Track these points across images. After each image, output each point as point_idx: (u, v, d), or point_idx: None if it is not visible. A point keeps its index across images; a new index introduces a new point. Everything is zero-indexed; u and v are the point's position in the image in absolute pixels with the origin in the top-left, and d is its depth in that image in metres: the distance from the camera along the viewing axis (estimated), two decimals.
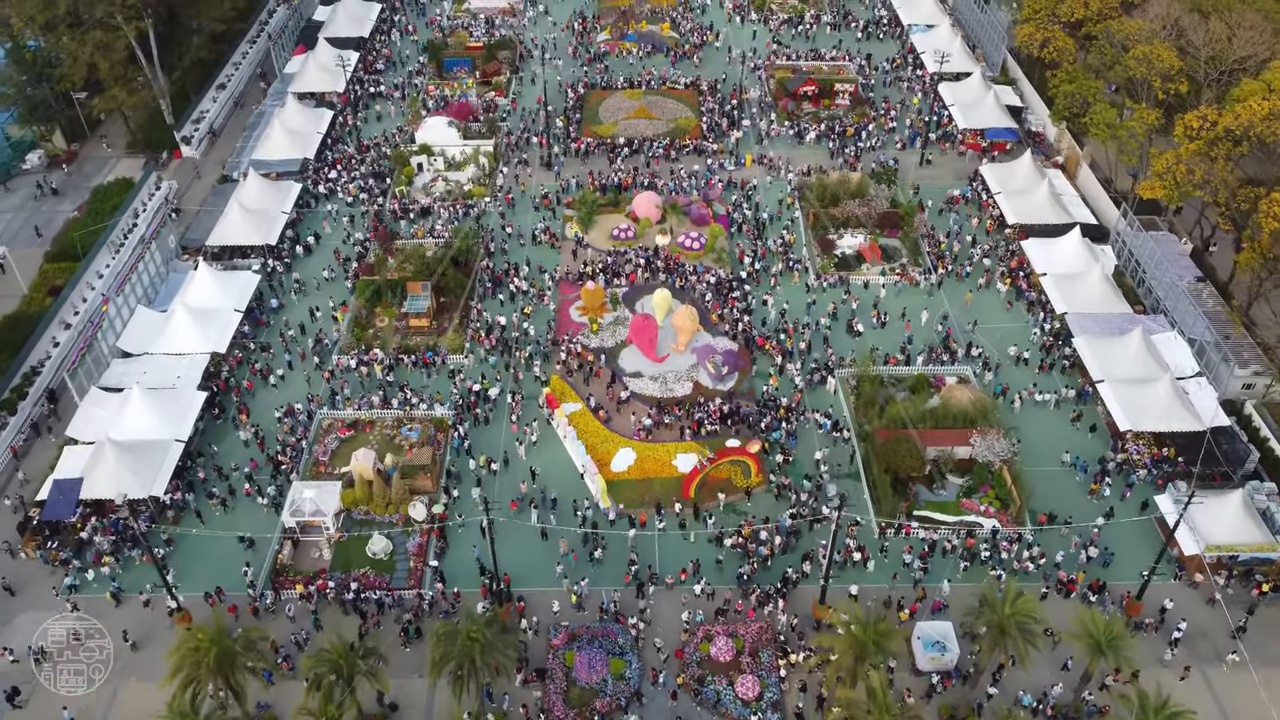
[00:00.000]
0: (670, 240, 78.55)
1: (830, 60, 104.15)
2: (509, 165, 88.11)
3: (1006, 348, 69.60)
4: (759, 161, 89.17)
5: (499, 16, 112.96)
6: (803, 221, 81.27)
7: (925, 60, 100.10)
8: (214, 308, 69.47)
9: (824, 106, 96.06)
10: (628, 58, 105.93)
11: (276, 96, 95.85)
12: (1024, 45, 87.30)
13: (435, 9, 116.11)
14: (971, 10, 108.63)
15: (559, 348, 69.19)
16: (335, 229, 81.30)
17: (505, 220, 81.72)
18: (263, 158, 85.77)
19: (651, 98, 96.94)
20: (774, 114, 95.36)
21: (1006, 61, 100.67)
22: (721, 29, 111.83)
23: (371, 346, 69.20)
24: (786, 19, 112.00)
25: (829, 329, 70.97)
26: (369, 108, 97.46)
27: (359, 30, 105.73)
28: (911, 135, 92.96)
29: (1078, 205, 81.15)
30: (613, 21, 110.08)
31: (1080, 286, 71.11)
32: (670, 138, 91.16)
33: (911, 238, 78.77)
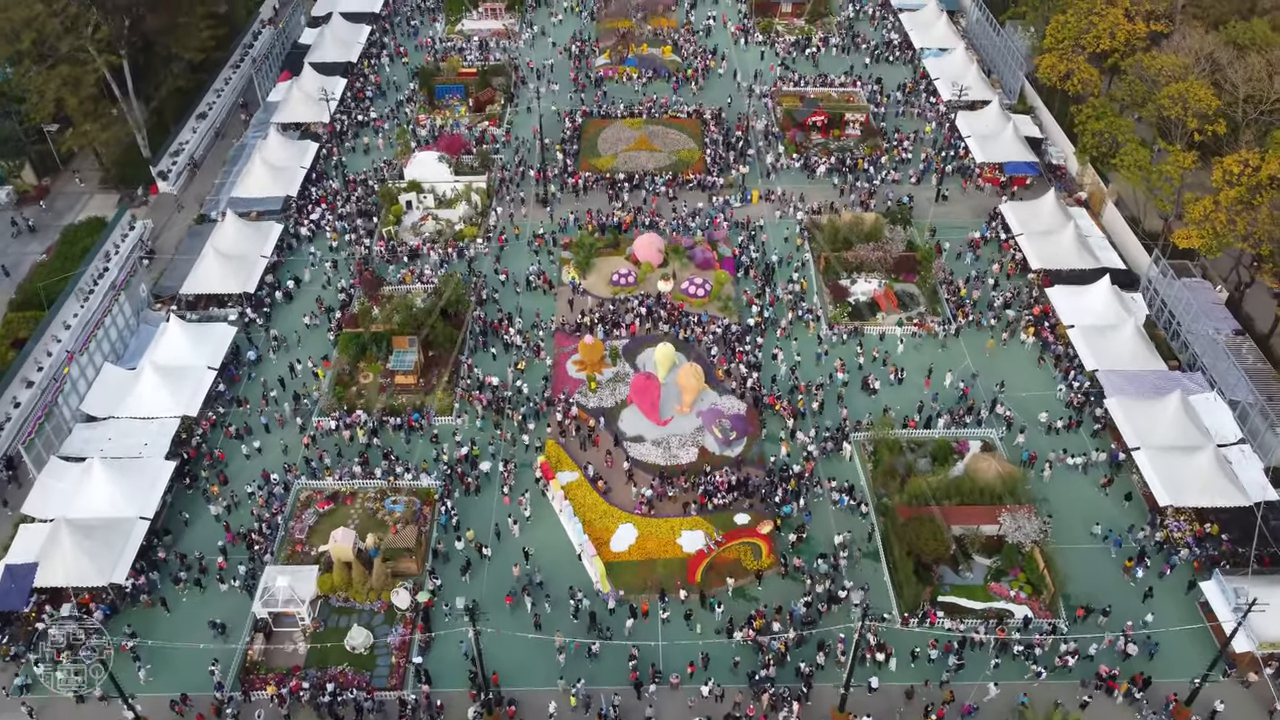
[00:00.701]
0: (673, 286, 74.01)
1: (839, 87, 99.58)
2: (503, 203, 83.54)
3: (1033, 408, 65.05)
4: (766, 198, 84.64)
5: (494, 39, 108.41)
6: (813, 265, 76.74)
7: (939, 87, 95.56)
8: (186, 365, 64.90)
9: (834, 137, 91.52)
10: (628, 84, 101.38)
11: (259, 128, 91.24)
12: (1046, 77, 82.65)
13: (428, 31, 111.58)
14: (987, 34, 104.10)
15: (555, 408, 64.70)
16: (318, 273, 76.71)
17: (499, 265, 77.13)
18: (242, 195, 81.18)
19: (652, 127, 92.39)
20: (781, 145, 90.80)
21: (1024, 88, 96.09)
22: (725, 50, 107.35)
23: (354, 407, 64.67)
24: (793, 41, 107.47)
25: (844, 386, 66.39)
26: (357, 136, 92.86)
27: (346, 54, 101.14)
28: (925, 166, 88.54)
29: (1105, 248, 76.64)
30: (612, 45, 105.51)
31: (1111, 341, 66.55)
32: (672, 171, 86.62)
33: (929, 283, 74.25)
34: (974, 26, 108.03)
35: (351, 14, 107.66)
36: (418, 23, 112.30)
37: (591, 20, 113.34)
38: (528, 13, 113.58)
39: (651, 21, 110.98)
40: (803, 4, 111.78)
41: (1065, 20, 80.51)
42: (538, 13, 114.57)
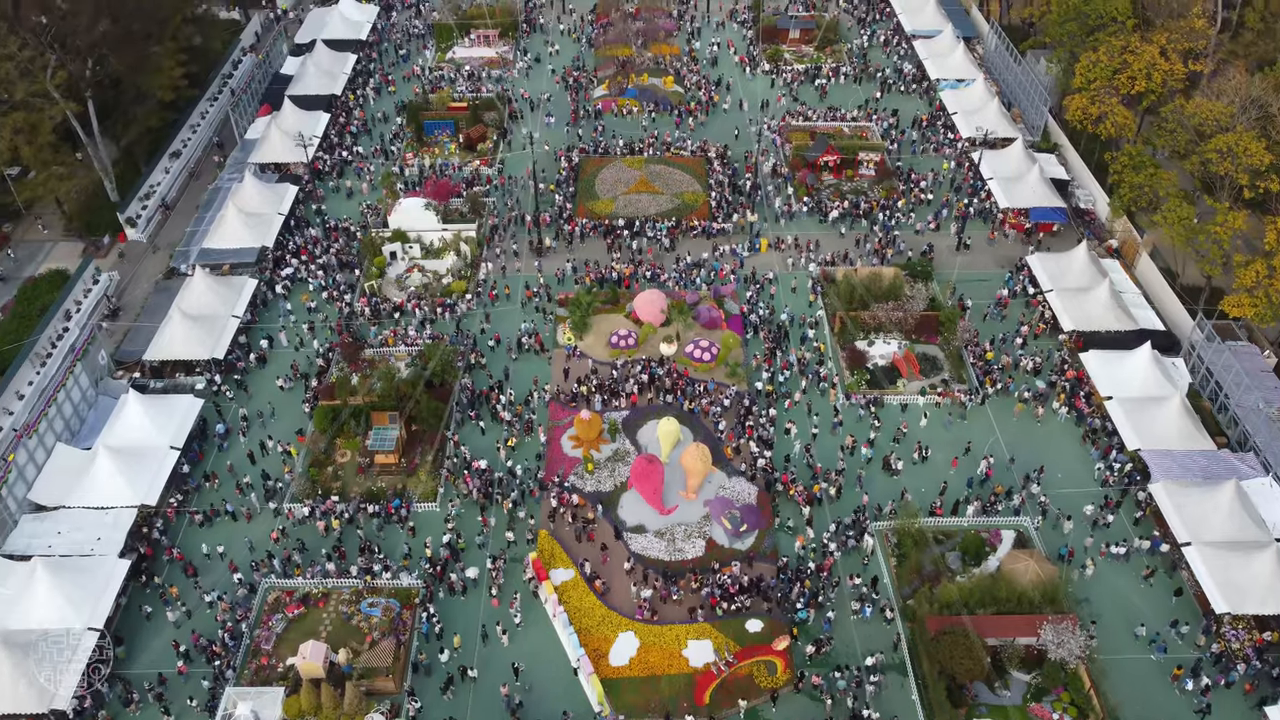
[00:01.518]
0: (676, 349, 68.58)
1: (851, 121, 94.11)
2: (493, 253, 78.03)
3: (1069, 490, 59.65)
4: (775, 246, 79.16)
5: (486, 68, 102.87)
6: (827, 324, 71.30)
7: (958, 122, 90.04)
8: (145, 445, 59.43)
9: (847, 177, 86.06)
10: (628, 117, 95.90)
11: (235, 168, 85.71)
12: (1076, 120, 77.09)
13: (417, 59, 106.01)
14: (1006, 64, 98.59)
15: (548, 492, 59.25)
16: (298, 328, 71.19)
17: (488, 323, 71.59)
18: (214, 246, 75.70)
19: (654, 167, 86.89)
20: (791, 187, 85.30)
21: (1048, 124, 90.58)
22: (730, 78, 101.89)
23: (330, 492, 59.21)
24: (802, 71, 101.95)
25: (864, 468, 60.89)
26: (341, 175, 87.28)
27: (330, 86, 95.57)
28: (943, 208, 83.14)
29: (1141, 306, 71.16)
30: (611, 75, 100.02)
31: (1154, 416, 61.04)
32: (675, 217, 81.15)
33: (953, 346, 68.83)
34: (992, 55, 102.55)
35: (336, 41, 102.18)
36: (405, 51, 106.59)
37: (589, 46, 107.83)
38: (522, 39, 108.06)
39: (652, 49, 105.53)
40: (812, 30, 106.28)
41: (1096, 59, 74.98)
42: (532, 39, 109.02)
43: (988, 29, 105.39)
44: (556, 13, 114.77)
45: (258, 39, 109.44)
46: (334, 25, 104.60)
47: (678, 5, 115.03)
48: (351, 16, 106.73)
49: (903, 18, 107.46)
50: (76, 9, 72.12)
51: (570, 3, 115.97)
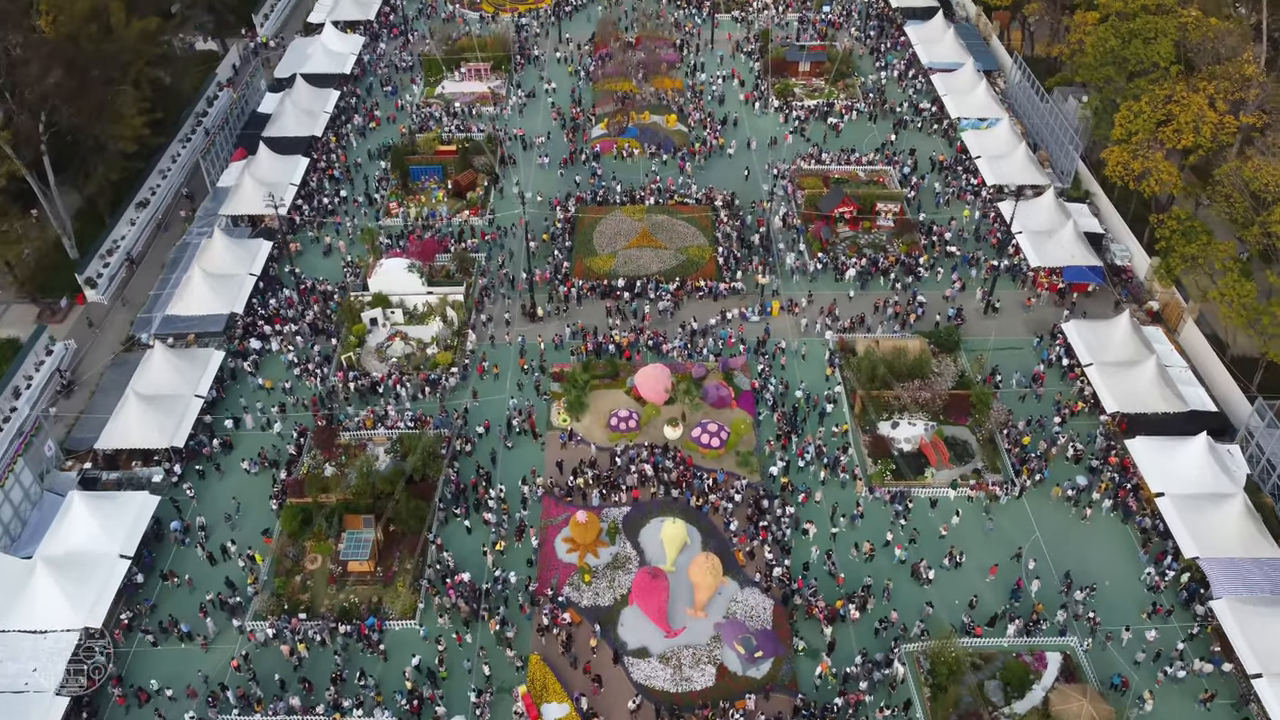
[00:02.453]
0: (682, 433, 62.54)
1: (867, 165, 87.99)
2: (482, 319, 71.95)
3: (1118, 600, 53.68)
4: (788, 309, 73.09)
5: (477, 104, 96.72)
6: (846, 401, 65.24)
7: (982, 168, 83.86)
8: (91, 554, 53.36)
9: (863, 229, 79.99)
10: (628, 160, 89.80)
11: (205, 220, 79.67)
12: (1117, 175, 70.96)
13: (404, 93, 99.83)
14: (1031, 100, 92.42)
15: (540, 607, 53.21)
16: (264, 413, 65.08)
17: (474, 398, 65.54)
18: (179, 314, 69.58)
19: (656, 217, 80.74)
20: (803, 242, 79.19)
21: (1079, 170, 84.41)
22: (736, 114, 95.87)
23: (298, 606, 53.13)
24: (814, 107, 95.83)
25: (890, 578, 54.78)
26: (321, 226, 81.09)
27: (310, 127, 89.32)
28: (963, 260, 77.15)
29: (1190, 384, 65.06)
30: (610, 113, 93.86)
31: (1213, 517, 54.94)
32: (679, 276, 75.08)
33: (985, 428, 62.79)
34: (1015, 90, 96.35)
35: (318, 76, 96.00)
36: (390, 88, 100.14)
37: (586, 80, 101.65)
38: (515, 73, 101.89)
39: (653, 82, 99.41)
40: (823, 63, 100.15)
41: (1139, 109, 68.85)
42: (526, 73, 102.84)
43: (1010, 62, 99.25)
44: (552, 43, 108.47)
45: (235, 72, 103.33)
46: (316, 58, 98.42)
47: (680, 35, 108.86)
48: (335, 48, 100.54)
49: (919, 49, 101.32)
50: (26, 57, 66.03)
51: (567, 31, 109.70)
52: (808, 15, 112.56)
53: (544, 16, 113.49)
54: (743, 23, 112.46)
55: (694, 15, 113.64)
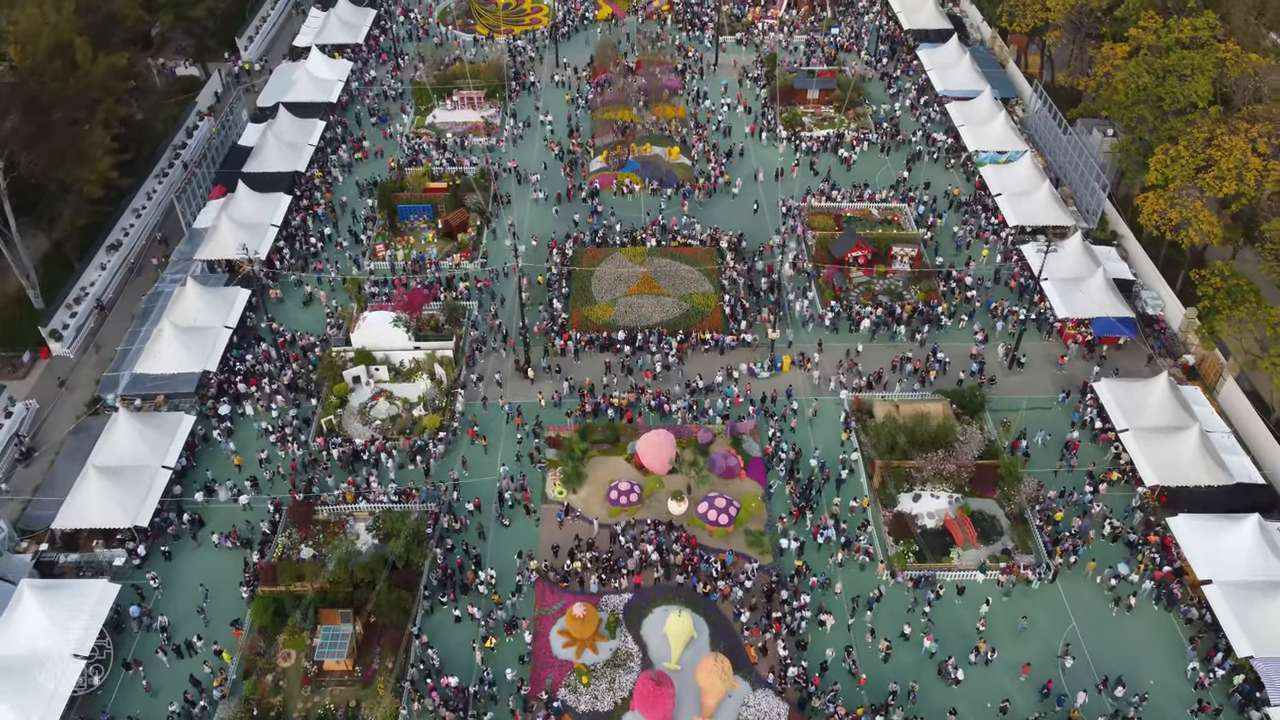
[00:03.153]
0: (687, 509, 57.95)
1: (881, 202, 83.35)
2: (473, 377, 67.35)
3: (1168, 710, 49.11)
4: (799, 364, 68.52)
5: (469, 135, 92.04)
6: (864, 471, 60.66)
7: (1004, 208, 79.21)
8: (42, 654, 48.65)
9: (878, 274, 75.40)
10: (629, 197, 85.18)
11: (180, 266, 75.00)
12: (1153, 225, 66.37)
13: (394, 122, 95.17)
14: (1052, 132, 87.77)
15: (533, 713, 48.60)
16: (238, 484, 60.43)
17: (464, 467, 60.90)
18: (148, 372, 64.92)
19: (658, 261, 76.10)
20: (814, 288, 74.64)
21: (1105, 209, 79.79)
22: (742, 144, 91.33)
23: (269, 712, 48.51)
24: (823, 138, 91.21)
25: (915, 683, 50.11)
26: (305, 269, 76.38)
27: (293, 161, 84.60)
28: (987, 307, 72.69)
29: (1234, 451, 60.50)
30: (610, 145, 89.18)
31: (1269, 611, 50.40)
32: (683, 327, 70.49)
33: (1015, 502, 58.23)
34: (1035, 120, 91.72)
35: (303, 105, 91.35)
36: (379, 116, 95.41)
37: (585, 107, 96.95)
38: (510, 101, 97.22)
39: (655, 110, 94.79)
40: (833, 90, 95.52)
41: (1176, 154, 64.25)
42: (521, 101, 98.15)
43: (1030, 90, 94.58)
44: (549, 67, 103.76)
45: (217, 99, 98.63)
46: (301, 85, 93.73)
47: (683, 59, 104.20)
48: (321, 75, 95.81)
49: (933, 75, 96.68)
50: None
51: (564, 54, 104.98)
52: (816, 38, 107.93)
53: (540, 38, 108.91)
54: (747, 44, 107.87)
55: (698, 38, 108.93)
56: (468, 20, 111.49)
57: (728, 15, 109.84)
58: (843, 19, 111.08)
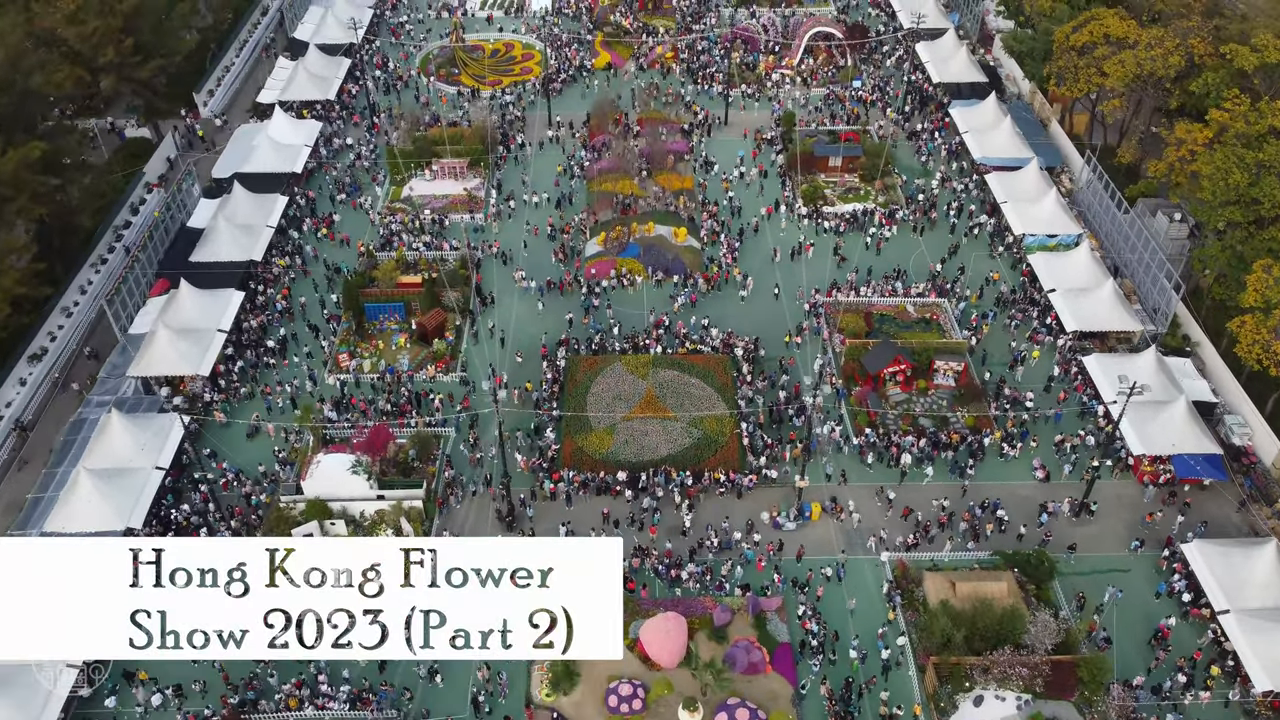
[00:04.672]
0: (701, 718, 47.78)
1: (917, 296, 73.12)
2: (445, 530, 57.19)
3: None
4: (831, 511, 58.38)
5: (451, 210, 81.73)
6: (914, 664, 50.51)
7: (1060, 309, 68.97)
8: None
9: (918, 391, 65.29)
10: (630, 289, 74.95)
11: (109, 383, 64.86)
12: (1253, 357, 56.10)
13: (367, 192, 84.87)
14: (1107, 210, 77.44)
15: None
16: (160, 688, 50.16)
17: (433, 680, 50.54)
18: (63, 528, 54.55)
19: (664, 374, 65.87)
20: (845, 409, 64.51)
21: (1176, 311, 69.56)
22: (755, 218, 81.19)
23: None
24: (849, 216, 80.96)
25: None
26: (251, 396, 66.07)
27: (248, 248, 74.16)
28: (1055, 415, 62.68)
29: None
30: (609, 226, 78.84)
31: None
32: (694, 464, 60.31)
33: (1099, 712, 48.07)
34: (1087, 195, 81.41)
35: (262, 177, 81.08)
36: (351, 186, 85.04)
37: (580, 175, 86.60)
38: (496, 171, 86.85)
39: (658, 179, 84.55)
40: (858, 157, 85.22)
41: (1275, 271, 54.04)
42: (508, 171, 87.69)
43: (1079, 160, 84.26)
44: (540, 126, 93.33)
45: (170, 165, 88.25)
46: (261, 153, 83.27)
47: (690, 117, 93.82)
48: (284, 138, 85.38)
49: (970, 139, 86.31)
50: None
51: (557, 111, 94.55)
52: (836, 90, 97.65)
53: (531, 90, 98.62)
54: (759, 97, 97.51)
55: (705, 90, 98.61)
56: (451, 70, 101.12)
57: (738, 65, 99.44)
58: (865, 70, 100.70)
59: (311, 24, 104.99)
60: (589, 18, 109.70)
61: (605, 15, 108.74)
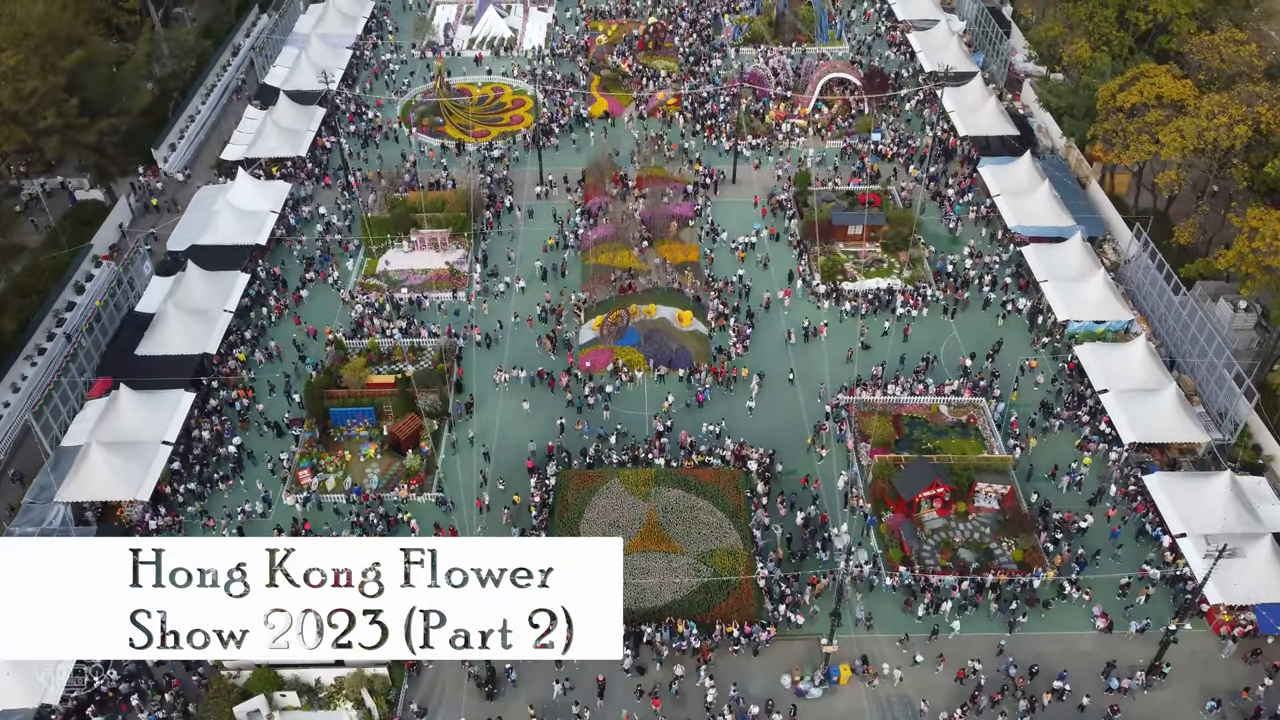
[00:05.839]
0: None
1: (951, 395, 65.16)
2: (414, 708, 49.19)
3: None
4: (862, 673, 50.45)
5: (431, 289, 73.76)
6: None
7: (1114, 415, 60.99)
8: None
9: (957, 513, 57.43)
10: (629, 386, 66.99)
11: (34, 510, 56.74)
12: None
13: (343, 262, 76.75)
14: (1157, 287, 69.30)
15: None
16: None
17: None
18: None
19: (669, 493, 57.83)
20: (874, 539, 56.60)
21: (1246, 420, 61.52)
22: (766, 292, 73.31)
23: None
24: (871, 296, 72.99)
25: None
26: (199, 511, 58.20)
27: (201, 340, 66.06)
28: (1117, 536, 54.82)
29: None
30: (606, 307, 70.86)
31: None
32: (703, 613, 52.35)
33: None
34: (1134, 271, 73.34)
35: (219, 250, 73.04)
36: (312, 274, 76.11)
37: (575, 244, 78.51)
38: (482, 242, 78.73)
39: (660, 249, 76.59)
40: (879, 226, 77.23)
41: None
42: (493, 242, 79.48)
43: (1125, 229, 76.15)
44: (529, 186, 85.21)
45: (123, 234, 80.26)
46: (222, 222, 75.17)
47: (694, 176, 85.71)
48: (248, 204, 77.35)
49: (1003, 205, 77.96)
50: None
51: (550, 165, 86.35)
52: (853, 144, 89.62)
53: (521, 141, 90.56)
54: (769, 149, 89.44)
55: (710, 142, 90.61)
56: (435, 120, 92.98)
57: (746, 115, 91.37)
58: (884, 119, 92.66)
59: (285, 68, 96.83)
60: (584, 58, 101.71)
61: (602, 56, 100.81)
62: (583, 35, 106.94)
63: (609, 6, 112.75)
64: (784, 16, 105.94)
